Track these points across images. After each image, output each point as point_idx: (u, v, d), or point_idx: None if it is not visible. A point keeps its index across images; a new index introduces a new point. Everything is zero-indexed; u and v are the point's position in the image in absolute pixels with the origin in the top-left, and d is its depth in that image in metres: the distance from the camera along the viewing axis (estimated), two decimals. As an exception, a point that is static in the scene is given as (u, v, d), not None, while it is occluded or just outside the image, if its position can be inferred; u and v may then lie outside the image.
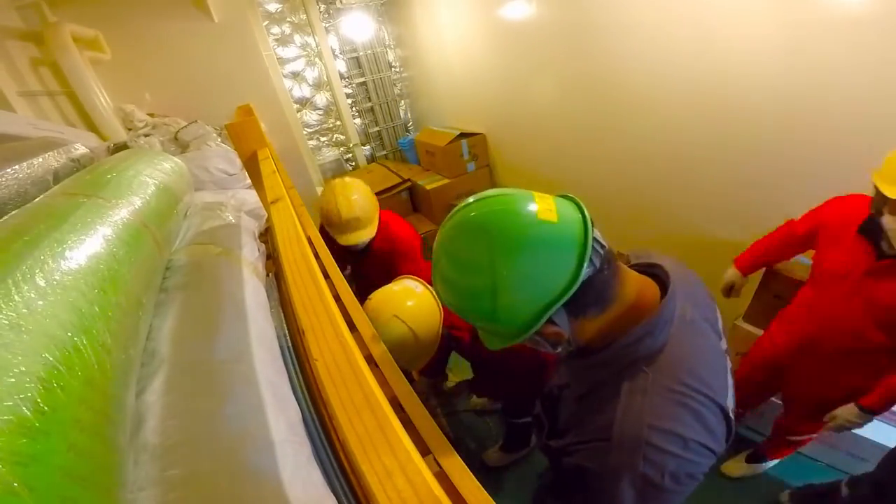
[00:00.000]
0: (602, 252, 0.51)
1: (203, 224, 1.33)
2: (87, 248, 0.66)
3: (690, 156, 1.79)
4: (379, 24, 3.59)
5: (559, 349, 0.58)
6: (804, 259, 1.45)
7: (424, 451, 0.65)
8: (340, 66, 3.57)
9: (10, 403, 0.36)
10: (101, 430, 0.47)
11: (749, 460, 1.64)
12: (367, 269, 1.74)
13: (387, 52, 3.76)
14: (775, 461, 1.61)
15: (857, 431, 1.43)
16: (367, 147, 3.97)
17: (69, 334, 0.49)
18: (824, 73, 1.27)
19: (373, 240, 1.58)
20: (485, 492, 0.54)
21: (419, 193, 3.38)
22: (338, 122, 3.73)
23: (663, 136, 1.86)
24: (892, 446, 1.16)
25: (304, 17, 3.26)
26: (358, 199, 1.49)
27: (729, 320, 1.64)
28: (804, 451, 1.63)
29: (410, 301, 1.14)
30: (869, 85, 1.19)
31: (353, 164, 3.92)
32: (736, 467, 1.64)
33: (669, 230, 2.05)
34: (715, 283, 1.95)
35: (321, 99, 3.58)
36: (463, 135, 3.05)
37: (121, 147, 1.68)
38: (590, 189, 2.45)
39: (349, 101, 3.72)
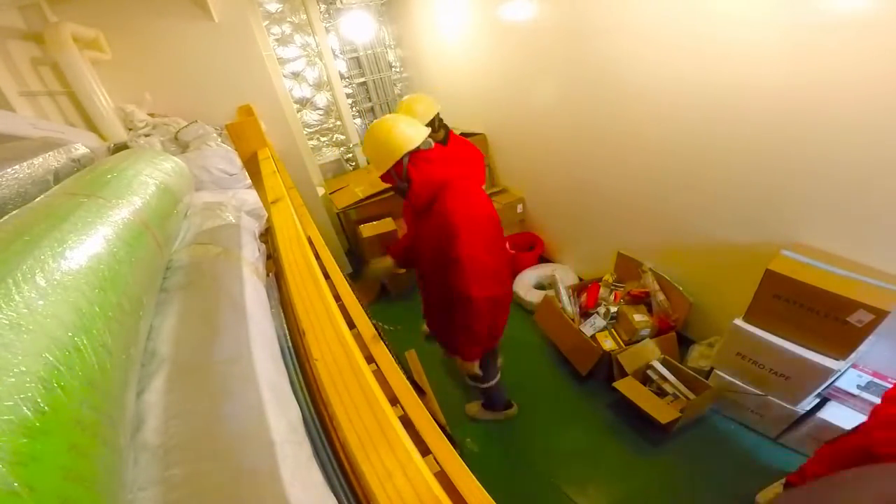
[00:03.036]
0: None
1: (203, 224, 1.33)
2: (87, 247, 0.66)
3: (691, 157, 1.79)
4: (379, 24, 3.60)
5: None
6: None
7: (424, 451, 0.65)
8: (340, 66, 3.58)
9: (11, 403, 0.36)
10: (102, 430, 0.47)
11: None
12: None
13: (387, 52, 3.76)
14: None
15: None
16: (368, 147, 3.97)
17: (70, 334, 0.49)
18: (826, 75, 1.27)
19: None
20: (485, 492, 0.54)
21: (419, 193, 3.38)
22: (338, 122, 3.74)
23: (663, 137, 1.86)
24: None
25: (304, 17, 3.26)
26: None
27: (729, 320, 1.64)
28: (805, 449, 1.63)
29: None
30: (871, 85, 1.19)
31: (354, 164, 3.92)
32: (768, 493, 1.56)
33: (670, 231, 2.05)
34: (718, 283, 1.96)
35: (321, 99, 3.58)
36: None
37: (121, 147, 1.68)
38: (590, 189, 2.45)
39: (349, 101, 3.72)
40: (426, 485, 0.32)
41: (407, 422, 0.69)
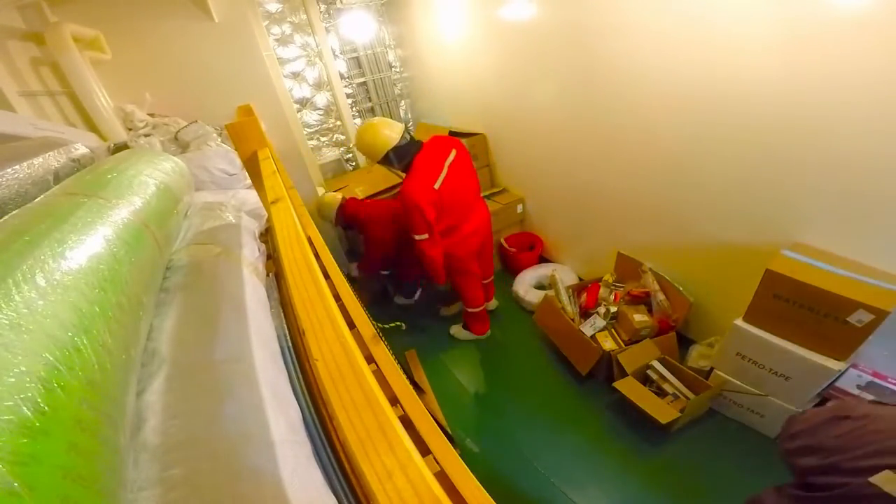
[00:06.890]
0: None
1: (203, 224, 1.33)
2: (87, 247, 0.66)
3: (691, 156, 1.79)
4: (379, 24, 3.59)
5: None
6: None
7: (424, 451, 0.65)
8: (340, 66, 3.57)
9: (11, 403, 0.36)
10: (102, 430, 0.47)
11: None
12: None
13: (387, 52, 3.75)
14: None
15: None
16: (368, 147, 3.97)
17: (69, 334, 0.49)
18: (828, 73, 1.27)
19: None
20: (485, 491, 0.54)
21: (419, 193, 3.38)
22: (338, 122, 3.73)
23: (663, 137, 1.86)
24: None
25: (304, 17, 3.26)
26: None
27: (729, 320, 1.64)
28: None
29: None
30: (874, 83, 1.19)
31: (354, 164, 3.92)
32: None
33: (670, 231, 2.05)
34: (718, 283, 1.96)
35: (321, 99, 3.58)
36: (460, 134, 3.05)
37: (121, 147, 1.68)
38: (590, 189, 2.45)
39: (349, 101, 3.72)
40: (426, 485, 0.32)
41: (407, 422, 0.69)
